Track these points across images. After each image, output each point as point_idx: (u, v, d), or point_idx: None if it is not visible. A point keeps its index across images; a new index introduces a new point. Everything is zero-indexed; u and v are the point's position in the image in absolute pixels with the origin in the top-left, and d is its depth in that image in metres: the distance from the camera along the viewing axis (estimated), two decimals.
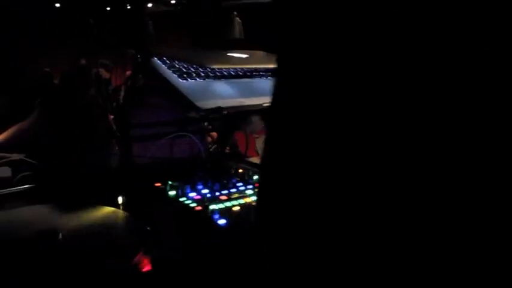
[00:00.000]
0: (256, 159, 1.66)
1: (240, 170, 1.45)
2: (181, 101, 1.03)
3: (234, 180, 1.33)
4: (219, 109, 1.03)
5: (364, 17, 0.46)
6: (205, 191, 1.23)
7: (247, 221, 1.06)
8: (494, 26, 0.41)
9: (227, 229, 1.00)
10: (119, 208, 1.05)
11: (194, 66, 1.08)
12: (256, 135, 1.93)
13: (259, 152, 1.79)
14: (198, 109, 1.02)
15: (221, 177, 1.33)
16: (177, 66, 1.13)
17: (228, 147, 1.69)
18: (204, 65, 0.96)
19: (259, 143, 1.84)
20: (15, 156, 3.79)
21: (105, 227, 0.95)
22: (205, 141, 1.55)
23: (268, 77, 1.21)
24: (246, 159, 1.67)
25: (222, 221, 1.04)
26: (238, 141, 1.86)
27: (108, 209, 1.03)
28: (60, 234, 0.87)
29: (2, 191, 1.05)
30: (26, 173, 1.17)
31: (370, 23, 0.45)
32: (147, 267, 0.80)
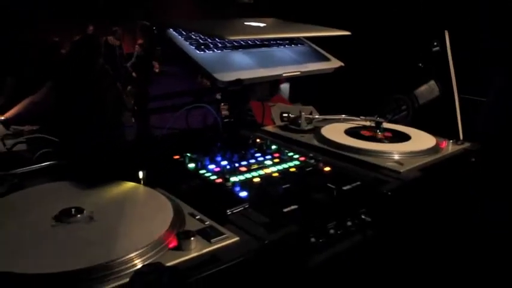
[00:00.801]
0: (272, 128, 1.65)
1: (258, 140, 1.44)
2: (200, 73, 1.01)
3: (252, 151, 1.32)
4: (238, 81, 1.02)
5: None
6: (224, 162, 1.23)
7: (268, 193, 1.06)
8: None
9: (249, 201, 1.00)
10: (140, 183, 1.05)
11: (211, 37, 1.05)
12: (271, 104, 1.91)
13: (275, 120, 1.77)
14: (217, 81, 1.00)
15: (239, 148, 1.33)
16: (194, 37, 1.10)
17: (243, 116, 1.67)
18: (222, 36, 0.93)
19: (275, 111, 1.82)
20: (27, 129, 3.84)
21: (129, 202, 0.95)
22: (221, 112, 1.54)
23: (286, 46, 1.19)
24: (262, 128, 1.66)
25: (243, 193, 1.04)
26: (254, 110, 1.84)
27: (130, 184, 1.03)
28: (85, 211, 0.87)
29: (22, 169, 1.05)
30: (45, 150, 1.17)
31: None
32: (173, 244, 0.80)
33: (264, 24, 1.13)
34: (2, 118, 3.81)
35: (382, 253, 1.12)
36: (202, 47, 1.07)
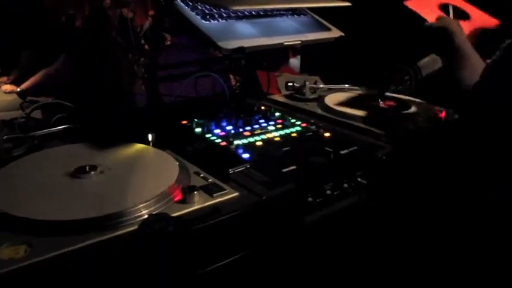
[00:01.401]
0: (277, 97, 1.70)
1: (262, 107, 1.50)
2: (205, 42, 1.07)
3: (256, 117, 1.39)
4: (241, 49, 1.07)
5: None
6: (229, 127, 1.30)
7: (269, 155, 1.12)
8: None
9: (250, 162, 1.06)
10: (149, 145, 1.12)
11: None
12: (278, 73, 1.96)
13: (281, 89, 1.83)
14: (221, 49, 1.06)
15: (244, 114, 1.39)
16: (200, 7, 1.16)
17: (250, 85, 1.73)
18: (226, 7, 0.99)
19: (281, 81, 1.87)
20: (42, 99, 3.92)
21: (138, 161, 1.02)
22: (229, 80, 1.60)
23: (289, 16, 1.23)
24: (268, 96, 1.72)
25: (246, 155, 1.11)
26: (261, 79, 1.89)
27: (140, 146, 1.11)
28: (98, 168, 0.95)
29: (40, 131, 1.13)
30: (61, 115, 1.24)
31: None
32: (178, 197, 0.88)
33: None
34: (18, 89, 3.91)
35: (375, 215, 1.19)
36: (208, 16, 1.13)
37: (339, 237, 1.12)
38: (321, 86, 1.75)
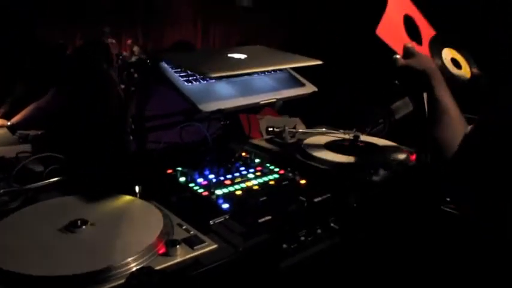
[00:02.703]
0: (258, 142, 1.80)
1: (244, 154, 1.60)
2: (187, 102, 1.17)
3: (237, 165, 1.48)
4: (219, 111, 1.18)
5: None
6: (211, 176, 1.39)
7: (246, 205, 1.22)
8: None
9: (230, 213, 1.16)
10: (136, 196, 1.21)
11: None
12: (260, 116, 2.07)
13: (263, 133, 1.93)
14: (201, 111, 1.16)
15: (226, 161, 1.49)
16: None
17: (233, 130, 1.83)
18: (206, 74, 1.09)
19: (263, 124, 1.98)
20: (33, 133, 3.98)
21: (126, 214, 1.11)
22: (212, 127, 1.69)
23: (266, 73, 1.34)
24: (250, 141, 1.82)
25: (225, 205, 1.20)
26: (243, 122, 2.00)
27: (128, 198, 1.19)
28: (89, 222, 1.03)
29: (34, 185, 1.22)
30: (53, 167, 1.33)
31: None
32: (162, 250, 0.97)
33: (245, 56, 1.29)
34: (8, 123, 3.98)
35: (348, 257, 1.28)
36: (191, 78, 1.24)
37: (313, 281, 1.21)
38: (300, 130, 1.86)
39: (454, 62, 1.59)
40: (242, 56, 1.29)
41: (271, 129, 1.81)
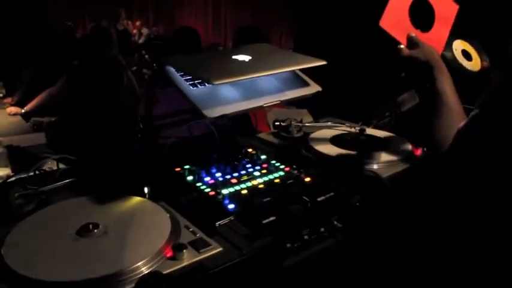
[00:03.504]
0: (265, 136, 1.84)
1: (250, 150, 1.63)
2: (192, 107, 1.21)
3: (244, 162, 1.52)
4: (223, 116, 1.21)
5: None
6: (218, 174, 1.43)
7: (251, 205, 1.25)
8: None
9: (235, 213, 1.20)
10: (145, 197, 1.25)
11: None
12: (268, 109, 2.09)
13: (270, 125, 1.96)
14: (205, 117, 1.20)
15: (233, 158, 1.52)
16: None
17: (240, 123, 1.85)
18: (208, 81, 1.11)
19: (270, 117, 2.00)
20: (46, 120, 4.05)
21: (136, 217, 1.16)
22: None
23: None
24: (257, 135, 1.86)
25: (231, 206, 1.24)
26: (250, 114, 2.02)
27: (137, 199, 1.24)
28: (100, 226, 1.08)
29: (47, 187, 1.27)
30: (65, 168, 1.38)
31: None
32: (169, 254, 1.01)
33: (250, 58, 1.31)
34: (22, 111, 4.05)
35: (351, 256, 1.32)
36: (196, 81, 1.26)
37: (317, 279, 1.25)
38: (307, 124, 1.88)
39: (465, 53, 1.59)
40: (246, 58, 1.31)
41: (278, 123, 1.84)
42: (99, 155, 1.38)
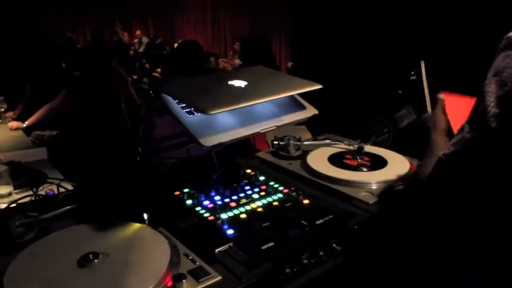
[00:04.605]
0: (264, 155, 1.85)
1: (248, 171, 1.64)
2: (188, 135, 1.22)
3: (242, 184, 1.53)
4: (219, 144, 1.22)
5: None
6: (217, 197, 1.44)
7: (250, 231, 1.26)
8: None
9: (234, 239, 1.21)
10: (145, 223, 1.26)
11: None
12: None
13: (269, 143, 1.97)
14: (202, 146, 1.21)
15: (231, 180, 1.53)
16: None
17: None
18: (204, 111, 1.13)
19: (269, 134, 2.01)
20: (48, 133, 4.06)
21: (135, 245, 1.17)
22: None
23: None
24: (255, 154, 1.87)
25: (230, 231, 1.25)
26: None
27: (136, 226, 1.25)
28: (100, 255, 1.09)
29: (47, 215, 1.28)
30: (65, 193, 1.39)
31: None
32: (169, 284, 1.02)
33: (245, 84, 1.32)
34: (24, 125, 4.07)
35: (351, 278, 1.33)
36: (192, 109, 1.28)
37: None
38: (305, 142, 1.89)
39: None
40: (242, 84, 1.33)
41: (277, 142, 1.85)
42: (98, 179, 1.39)
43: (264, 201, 1.43)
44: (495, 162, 1.14)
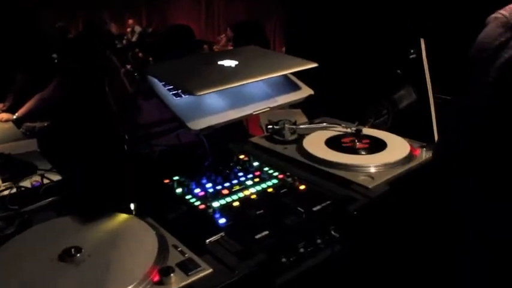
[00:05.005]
0: (258, 140, 1.77)
1: (242, 157, 1.57)
2: (176, 119, 1.14)
3: (235, 170, 1.46)
4: (209, 128, 1.15)
5: None
6: (209, 185, 1.37)
7: (244, 220, 1.19)
8: None
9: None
10: (133, 213, 1.19)
11: None
12: None
13: (263, 128, 1.90)
14: (190, 130, 1.13)
15: (224, 166, 1.46)
16: None
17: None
18: (191, 92, 1.05)
19: (263, 118, 1.94)
20: (39, 125, 3.98)
21: (121, 237, 1.10)
22: None
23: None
24: (249, 139, 1.79)
25: (222, 220, 1.18)
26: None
27: (123, 216, 1.18)
28: (83, 250, 1.02)
29: (29, 207, 1.21)
30: (48, 184, 1.32)
31: None
32: (156, 278, 0.95)
33: (236, 63, 1.24)
34: (14, 117, 3.98)
35: (349, 266, 1.26)
36: (180, 91, 1.20)
37: None
38: (301, 126, 1.82)
39: None
40: (233, 63, 1.25)
41: (271, 126, 1.77)
42: (83, 168, 1.32)
43: (258, 187, 1.36)
44: (491, 150, 1.11)
